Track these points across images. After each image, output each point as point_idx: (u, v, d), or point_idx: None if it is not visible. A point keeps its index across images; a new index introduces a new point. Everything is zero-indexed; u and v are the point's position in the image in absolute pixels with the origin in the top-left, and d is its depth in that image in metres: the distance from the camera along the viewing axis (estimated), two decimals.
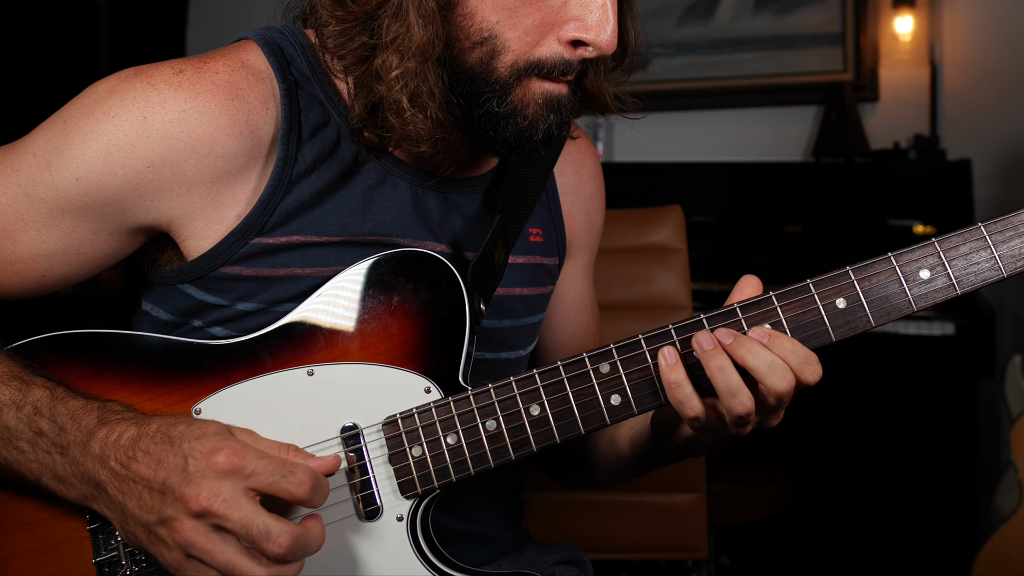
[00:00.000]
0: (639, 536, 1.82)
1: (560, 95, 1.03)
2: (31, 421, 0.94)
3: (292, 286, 1.05)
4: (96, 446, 0.91)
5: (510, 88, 1.01)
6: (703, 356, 0.94)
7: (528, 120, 1.02)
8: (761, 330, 0.95)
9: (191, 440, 0.88)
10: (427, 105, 0.99)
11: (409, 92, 0.98)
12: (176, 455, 0.87)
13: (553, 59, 1.00)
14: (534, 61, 1.00)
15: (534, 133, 1.03)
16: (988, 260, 0.96)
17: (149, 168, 0.99)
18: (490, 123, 1.02)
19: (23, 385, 0.96)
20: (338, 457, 0.94)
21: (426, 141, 1.01)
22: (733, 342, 0.94)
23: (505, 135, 1.03)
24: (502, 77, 1.00)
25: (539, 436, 0.99)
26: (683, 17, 3.66)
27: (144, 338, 1.04)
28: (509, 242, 1.15)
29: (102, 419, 0.93)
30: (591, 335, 1.38)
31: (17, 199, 1.02)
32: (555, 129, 1.04)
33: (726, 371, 0.93)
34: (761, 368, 0.92)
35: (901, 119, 3.46)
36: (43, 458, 0.94)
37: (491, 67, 1.00)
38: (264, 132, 1.03)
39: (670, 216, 1.85)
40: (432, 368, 1.02)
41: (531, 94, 1.02)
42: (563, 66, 1.01)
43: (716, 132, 3.70)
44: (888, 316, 0.97)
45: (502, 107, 1.01)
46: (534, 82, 1.01)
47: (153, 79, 1.00)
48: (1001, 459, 2.77)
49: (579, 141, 1.32)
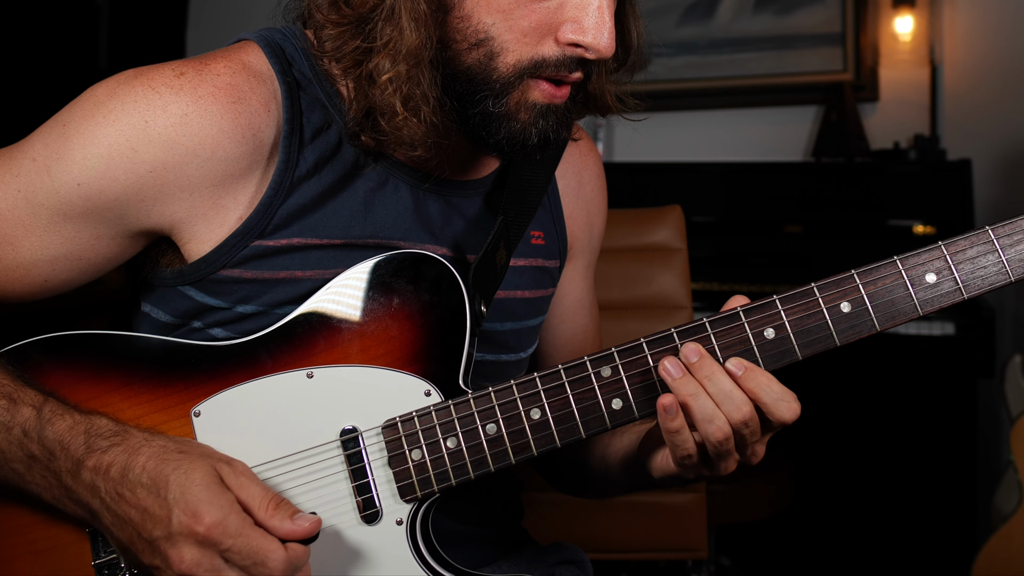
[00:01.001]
0: (639, 536, 1.82)
1: (558, 102, 1.03)
2: (22, 444, 0.94)
3: (292, 289, 1.04)
4: (86, 475, 0.92)
5: (510, 88, 1.00)
6: (674, 385, 0.94)
7: (520, 124, 1.02)
8: (738, 362, 0.94)
9: (176, 492, 0.88)
10: (420, 108, 0.99)
11: (402, 96, 0.98)
12: (161, 507, 0.88)
13: (556, 56, 1.00)
14: (538, 60, 0.99)
15: (527, 138, 1.02)
16: (996, 264, 0.95)
17: (151, 173, 0.99)
18: (484, 124, 1.02)
19: (11, 405, 0.95)
20: (319, 520, 0.92)
21: (421, 145, 1.01)
22: (697, 361, 0.94)
23: (498, 137, 1.02)
24: (503, 76, 1.00)
25: (540, 440, 0.99)
26: (683, 17, 3.66)
27: (143, 339, 1.04)
28: (511, 244, 1.14)
29: (89, 446, 0.93)
30: (591, 337, 1.38)
31: (17, 204, 1.01)
32: (551, 133, 1.04)
33: (699, 397, 0.93)
34: (717, 397, 0.93)
35: (901, 119, 3.46)
36: (39, 480, 0.95)
37: (491, 67, 1.00)
38: (266, 135, 1.03)
39: (670, 216, 1.85)
40: (432, 371, 1.01)
41: (528, 98, 1.01)
42: (568, 63, 1.00)
43: (716, 132, 3.70)
44: (893, 320, 0.96)
45: (496, 107, 1.01)
46: (535, 85, 1.01)
47: (154, 82, 0.99)
48: (1001, 459, 2.77)
49: (581, 143, 1.31)
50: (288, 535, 0.89)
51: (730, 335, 0.97)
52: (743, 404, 0.93)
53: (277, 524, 0.89)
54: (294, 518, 0.90)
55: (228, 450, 0.99)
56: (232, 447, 0.99)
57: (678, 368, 0.94)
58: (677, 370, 0.94)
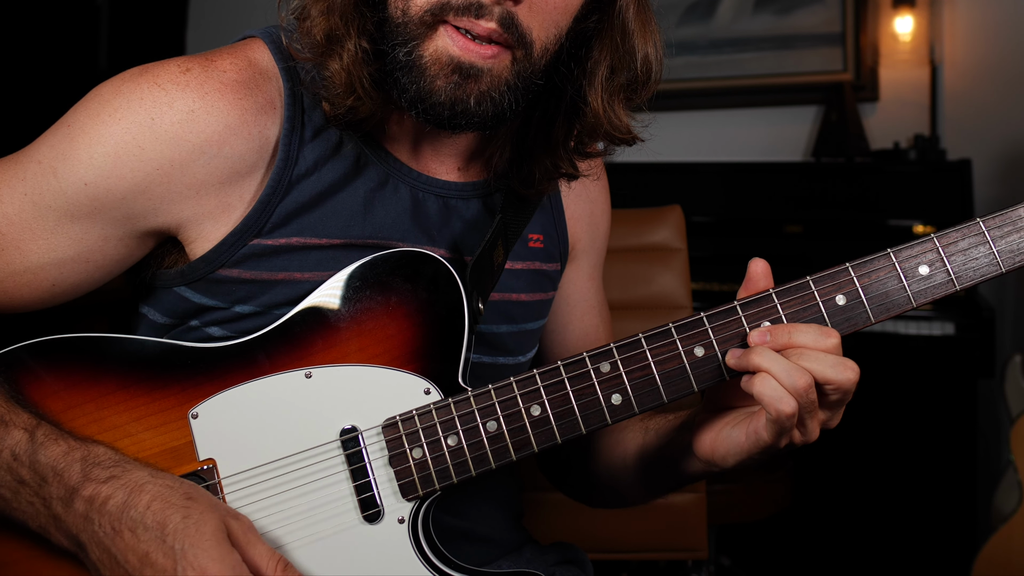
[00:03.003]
0: (639, 536, 1.82)
1: (475, 60, 0.95)
2: (11, 468, 0.92)
3: (291, 290, 1.04)
4: (80, 505, 0.89)
5: (420, 35, 0.95)
6: (750, 359, 0.94)
7: (429, 79, 0.95)
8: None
9: (185, 543, 0.85)
10: (341, 54, 0.96)
11: (324, 31, 0.96)
12: (167, 556, 0.85)
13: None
14: (444, 1, 0.93)
15: (434, 94, 0.96)
16: (987, 255, 0.97)
17: (158, 170, 0.98)
18: (398, 81, 0.97)
19: (1, 426, 0.93)
20: None
21: (347, 94, 0.98)
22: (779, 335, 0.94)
23: (409, 95, 0.97)
24: (413, 19, 0.95)
25: (540, 436, 0.99)
26: (683, 17, 3.66)
27: (139, 341, 1.02)
28: (509, 243, 1.14)
29: (86, 475, 0.90)
30: (602, 339, 1.36)
31: (24, 208, 1.00)
32: (469, 100, 0.96)
33: (777, 360, 0.92)
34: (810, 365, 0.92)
35: (901, 119, 3.46)
36: (26, 508, 0.92)
37: (406, 9, 0.95)
38: (270, 132, 1.02)
39: (670, 216, 1.85)
40: (431, 369, 1.01)
41: (441, 49, 0.95)
42: (475, 8, 0.93)
43: (716, 132, 3.70)
44: (888, 312, 0.97)
45: (406, 56, 0.96)
46: (445, 32, 0.95)
47: (159, 79, 0.98)
48: (1001, 459, 2.76)
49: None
50: None
51: (727, 329, 0.98)
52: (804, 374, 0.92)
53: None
54: None
55: (227, 452, 0.99)
56: (230, 449, 0.99)
57: (760, 335, 0.95)
58: (759, 337, 0.95)
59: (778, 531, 3.07)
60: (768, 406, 0.92)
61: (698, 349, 0.98)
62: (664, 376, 0.98)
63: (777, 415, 0.92)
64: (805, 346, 0.93)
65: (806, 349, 0.93)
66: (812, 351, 0.93)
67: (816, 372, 0.92)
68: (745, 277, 1.00)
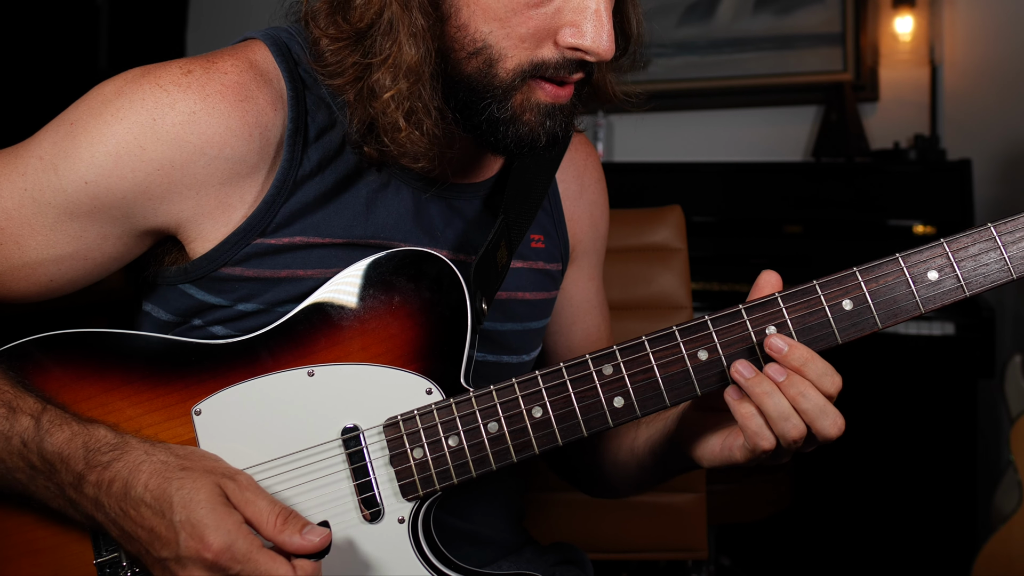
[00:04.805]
0: (639, 536, 1.81)
1: (562, 102, 1.02)
2: (22, 455, 0.94)
3: (294, 287, 1.04)
4: (89, 490, 0.92)
5: (512, 92, 1.00)
6: (747, 384, 0.93)
7: (527, 126, 1.01)
8: (777, 368, 0.94)
9: (182, 514, 0.88)
10: (423, 122, 0.98)
11: (404, 111, 0.97)
12: (168, 529, 0.88)
13: (556, 59, 0.99)
14: (538, 63, 0.99)
15: (536, 139, 1.02)
16: (998, 261, 0.94)
17: (159, 171, 0.98)
18: (491, 130, 1.02)
19: (10, 413, 0.95)
20: (329, 534, 0.91)
21: (424, 157, 1.01)
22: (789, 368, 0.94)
23: (507, 142, 1.02)
24: (504, 82, 0.99)
25: (541, 438, 0.99)
26: (683, 17, 3.66)
27: (143, 338, 1.03)
28: (512, 243, 1.14)
29: (88, 461, 0.93)
30: (604, 339, 1.37)
31: (24, 203, 1.00)
32: (559, 131, 1.04)
33: (774, 395, 0.93)
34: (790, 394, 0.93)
35: (901, 119, 3.46)
36: (43, 491, 0.95)
37: (491, 74, 0.99)
38: (272, 134, 1.03)
39: (670, 216, 1.85)
40: (433, 369, 1.01)
41: (532, 100, 1.01)
42: (568, 65, 1.00)
43: (716, 132, 3.70)
44: (895, 318, 0.96)
45: (502, 112, 1.00)
46: (538, 87, 1.01)
47: (161, 80, 0.99)
48: (1001, 459, 2.77)
49: (581, 146, 1.31)
50: (298, 550, 0.89)
51: (732, 333, 0.97)
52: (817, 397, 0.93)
53: (287, 540, 0.89)
54: (303, 532, 0.89)
55: (229, 449, 0.99)
56: (232, 446, 0.99)
57: (749, 369, 0.94)
58: (749, 370, 0.94)
59: (778, 531, 3.07)
60: (748, 439, 0.95)
61: (702, 353, 0.97)
62: (667, 379, 0.98)
63: (754, 448, 0.95)
64: (812, 381, 0.93)
65: (810, 387, 0.93)
66: (815, 392, 0.93)
67: (812, 423, 0.93)
68: (754, 285, 1.00)
